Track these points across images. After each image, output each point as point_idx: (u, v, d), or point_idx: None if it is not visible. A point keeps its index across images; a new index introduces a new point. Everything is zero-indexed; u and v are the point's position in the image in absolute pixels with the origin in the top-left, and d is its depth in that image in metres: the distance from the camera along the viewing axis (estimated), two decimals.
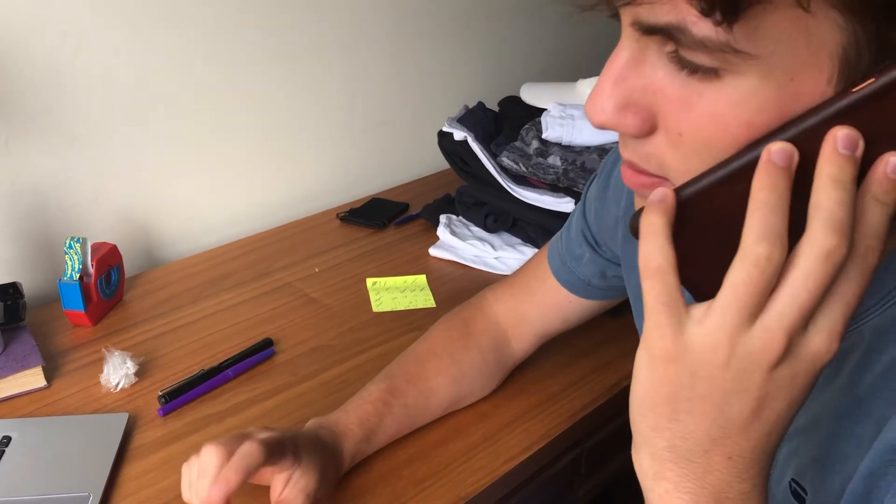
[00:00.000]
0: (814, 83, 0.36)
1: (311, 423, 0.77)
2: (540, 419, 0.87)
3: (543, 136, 1.11)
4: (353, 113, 1.45)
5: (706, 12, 0.34)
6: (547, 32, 1.72)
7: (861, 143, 0.36)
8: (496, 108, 1.32)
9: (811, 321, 0.37)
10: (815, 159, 0.37)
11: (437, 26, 1.53)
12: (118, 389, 0.91)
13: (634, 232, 0.41)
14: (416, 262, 1.21)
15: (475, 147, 1.19)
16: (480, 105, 1.29)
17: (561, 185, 1.10)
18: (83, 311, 1.00)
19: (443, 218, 1.25)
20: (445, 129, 1.23)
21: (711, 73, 0.37)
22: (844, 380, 0.47)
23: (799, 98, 0.36)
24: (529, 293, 0.83)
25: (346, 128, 1.45)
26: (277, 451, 0.66)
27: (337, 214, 1.37)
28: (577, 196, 1.10)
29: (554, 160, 1.10)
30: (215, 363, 0.94)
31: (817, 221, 0.36)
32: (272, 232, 1.32)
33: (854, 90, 0.36)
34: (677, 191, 0.40)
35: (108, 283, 1.05)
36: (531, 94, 1.23)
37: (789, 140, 0.37)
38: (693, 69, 0.37)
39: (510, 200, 1.17)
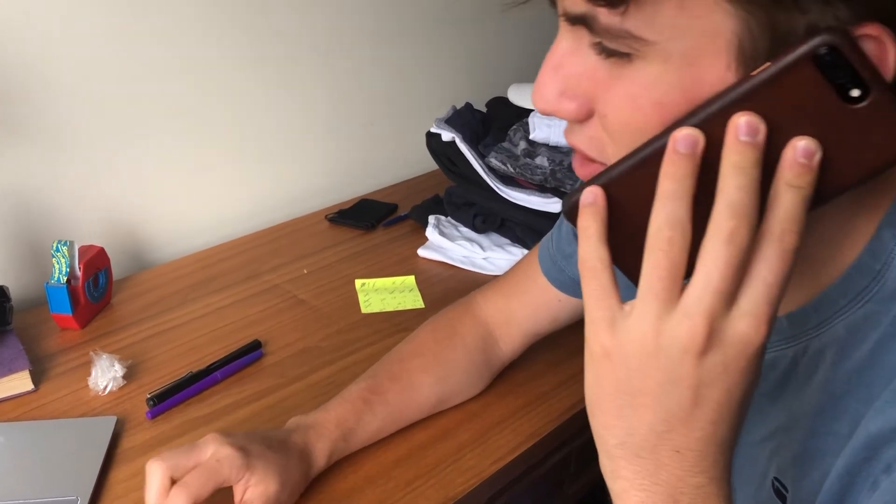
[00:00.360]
0: (713, 69, 0.38)
1: (290, 423, 0.77)
2: (528, 419, 0.88)
3: (531, 136, 1.12)
4: (340, 114, 1.45)
5: (597, 3, 0.38)
6: (534, 33, 1.72)
7: (763, 129, 0.37)
8: (484, 109, 1.33)
9: (734, 305, 0.38)
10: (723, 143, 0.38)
11: (424, 27, 1.53)
12: (106, 392, 0.90)
13: (567, 215, 0.43)
14: (405, 263, 1.21)
15: (463, 148, 1.19)
16: (468, 106, 1.29)
17: (548, 185, 1.10)
18: (71, 315, 1.00)
19: (431, 219, 1.25)
20: (433, 129, 1.24)
21: (625, 58, 0.40)
22: (821, 377, 0.47)
23: (701, 83, 0.39)
24: (519, 293, 0.83)
25: (334, 129, 1.45)
26: (220, 474, 0.65)
27: (325, 216, 1.37)
28: (564, 196, 1.10)
29: (541, 161, 1.11)
30: (203, 366, 0.94)
31: (719, 206, 0.38)
32: (260, 234, 1.31)
33: (752, 75, 0.37)
34: (598, 176, 0.42)
35: (96, 286, 1.05)
36: (519, 95, 1.24)
37: (696, 125, 0.38)
38: (610, 54, 0.41)
39: (498, 201, 1.17)
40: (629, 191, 0.41)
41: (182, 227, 1.28)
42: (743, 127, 0.37)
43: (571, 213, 0.43)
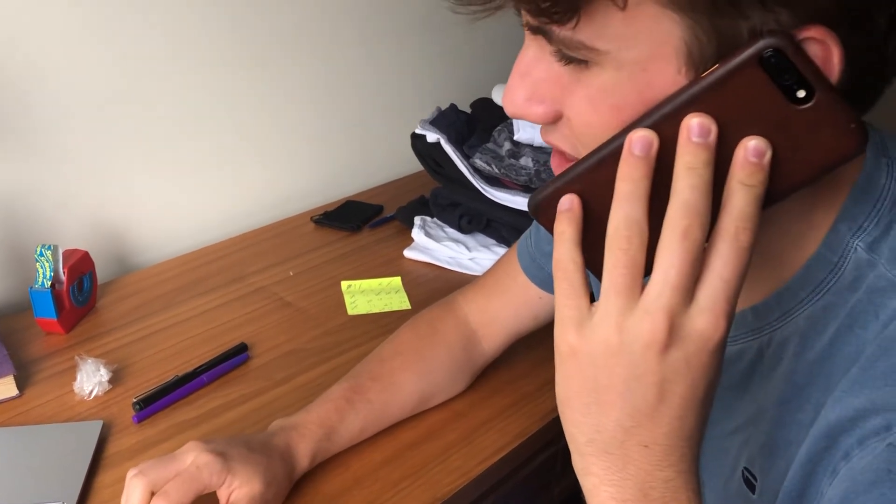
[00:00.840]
0: (665, 74, 0.40)
1: (273, 425, 0.78)
2: (514, 419, 0.88)
3: (515, 137, 1.12)
4: (325, 115, 1.45)
5: (541, 21, 0.41)
6: (519, 34, 1.73)
7: (714, 129, 0.39)
8: (468, 110, 1.33)
9: (693, 302, 0.39)
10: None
11: (408, 28, 1.53)
12: (92, 397, 0.90)
13: (532, 210, 0.45)
14: (391, 265, 1.21)
15: (448, 149, 1.19)
16: (453, 107, 1.29)
17: (533, 185, 1.11)
18: (55, 319, 1.00)
19: (417, 220, 1.26)
20: (418, 131, 1.24)
21: (583, 65, 0.42)
22: (785, 368, 0.49)
23: (654, 86, 0.40)
24: (500, 291, 0.84)
25: (319, 130, 1.45)
26: (200, 481, 0.66)
27: (311, 217, 1.37)
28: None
29: (526, 161, 1.11)
30: (189, 369, 0.94)
31: (673, 205, 0.39)
32: (245, 236, 1.31)
33: (702, 77, 0.39)
34: (563, 174, 0.43)
35: (81, 290, 1.04)
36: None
37: (650, 127, 0.40)
38: (569, 60, 0.43)
39: (484, 201, 1.18)
40: (591, 190, 0.43)
41: (167, 230, 1.27)
42: (695, 128, 0.39)
43: (538, 209, 0.45)
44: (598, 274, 0.43)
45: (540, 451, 0.91)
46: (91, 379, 0.90)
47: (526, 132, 1.11)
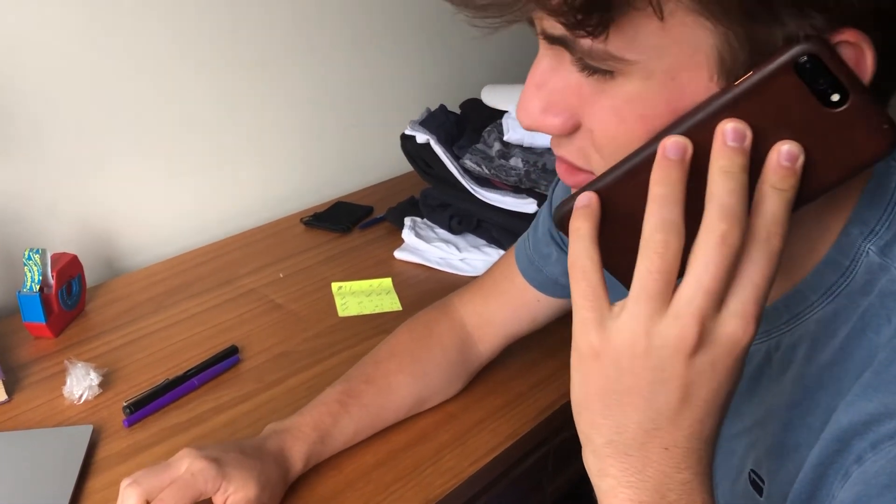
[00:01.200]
0: (696, 81, 0.39)
1: (267, 429, 0.78)
2: (507, 419, 0.88)
3: (505, 138, 1.12)
4: (315, 117, 1.45)
5: (575, 34, 0.39)
6: (508, 35, 1.72)
7: (749, 134, 0.39)
8: (458, 111, 1.33)
9: (723, 306, 0.39)
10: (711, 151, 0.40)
11: (399, 29, 1.53)
12: (82, 401, 0.90)
13: (559, 223, 0.44)
14: (382, 266, 1.21)
15: (438, 150, 1.19)
16: (442, 108, 1.29)
17: (523, 186, 1.11)
18: (44, 323, 0.99)
19: (407, 220, 1.25)
20: (408, 132, 1.24)
21: (608, 75, 0.41)
22: (794, 371, 0.48)
23: (684, 95, 0.40)
24: (498, 294, 0.84)
25: (309, 132, 1.45)
26: (195, 487, 0.65)
27: (301, 219, 1.36)
28: (539, 197, 1.11)
29: (516, 162, 1.11)
30: (180, 372, 0.93)
31: (710, 209, 0.38)
32: (235, 238, 1.31)
33: (736, 84, 0.39)
34: (590, 185, 0.43)
35: (70, 293, 1.04)
36: (492, 97, 1.24)
37: (684, 134, 0.40)
38: (593, 71, 0.41)
39: (474, 202, 1.18)
40: (619, 198, 0.42)
41: (156, 233, 1.27)
42: (730, 133, 0.39)
43: (563, 222, 0.44)
44: (621, 278, 0.43)
45: (532, 451, 0.91)
46: (81, 383, 0.90)
47: (516, 133, 1.11)
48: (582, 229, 0.42)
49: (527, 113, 0.45)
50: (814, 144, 0.39)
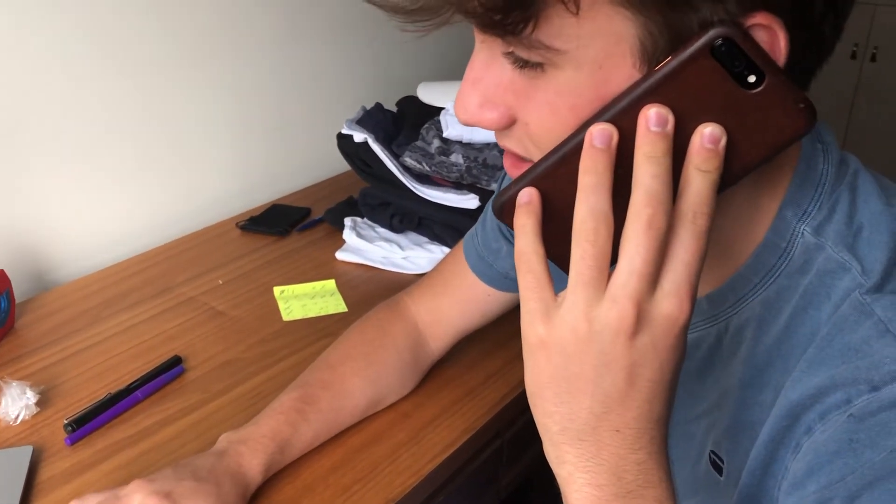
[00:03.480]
0: (620, 69, 0.41)
1: (220, 441, 0.76)
2: (461, 414, 0.88)
3: (444, 134, 1.12)
4: (246, 119, 1.42)
5: (502, 33, 0.40)
6: (441, 31, 1.73)
7: (671, 119, 0.40)
8: (394, 109, 1.33)
9: (658, 287, 0.40)
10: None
11: (329, 28, 1.51)
12: (18, 422, 0.86)
13: (498, 212, 0.45)
14: (324, 268, 1.20)
15: (376, 148, 1.19)
16: (378, 106, 1.28)
17: (465, 182, 1.11)
18: None
19: (347, 221, 1.24)
20: (345, 131, 1.23)
21: (539, 68, 0.42)
22: (744, 352, 0.50)
23: (610, 83, 0.41)
24: (448, 290, 0.84)
25: (241, 133, 1.42)
26: None
27: (236, 223, 1.33)
28: (480, 192, 1.11)
29: (456, 158, 1.11)
30: (122, 386, 0.90)
31: (636, 195, 0.40)
32: (170, 245, 1.27)
33: (656, 69, 0.40)
34: (526, 174, 0.44)
35: None
36: (428, 94, 1.24)
37: (609, 121, 0.41)
38: (524, 64, 0.42)
39: (415, 200, 1.18)
40: (553, 186, 0.43)
41: (86, 244, 1.22)
42: (653, 118, 0.40)
43: (502, 211, 0.45)
44: (563, 266, 0.43)
45: (487, 444, 0.92)
46: (17, 402, 0.86)
47: (455, 129, 1.11)
48: (527, 225, 0.43)
49: (464, 108, 0.46)
50: (735, 126, 0.40)
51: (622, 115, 0.41)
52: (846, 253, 0.45)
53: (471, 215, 1.13)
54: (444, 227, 1.16)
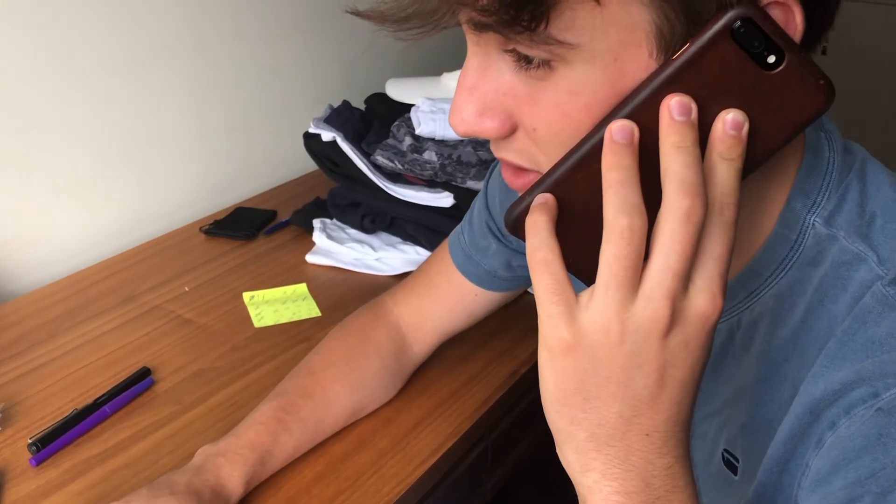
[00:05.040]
0: (636, 59, 0.39)
1: (198, 454, 0.73)
2: (445, 417, 0.86)
3: (417, 131, 1.10)
4: (207, 119, 1.37)
5: (513, 30, 0.37)
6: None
7: (694, 107, 0.39)
8: (362, 107, 1.30)
9: (690, 283, 0.39)
10: (658, 128, 0.39)
11: (293, 25, 1.47)
12: None
13: (512, 227, 0.43)
14: (294, 271, 1.16)
15: (345, 147, 1.16)
16: (346, 104, 1.25)
17: (439, 179, 1.09)
18: None
19: (317, 222, 1.21)
20: (312, 129, 1.19)
21: (546, 67, 0.39)
22: (758, 348, 0.49)
23: (626, 75, 0.39)
24: (433, 291, 0.82)
25: (202, 135, 1.37)
26: None
27: (200, 228, 1.29)
28: (455, 190, 1.09)
29: (430, 155, 1.09)
30: (89, 400, 0.86)
31: (670, 186, 0.38)
32: (131, 253, 1.22)
33: (674, 58, 0.38)
34: (537, 184, 0.42)
35: None
36: (397, 91, 1.21)
37: (629, 115, 0.39)
38: (528, 62, 0.40)
39: (386, 199, 1.15)
40: (570, 192, 0.41)
41: (43, 252, 1.17)
42: (676, 107, 0.38)
43: (517, 225, 0.43)
44: (580, 274, 0.42)
45: (472, 447, 0.90)
46: None
47: (427, 126, 1.09)
48: (539, 222, 0.40)
49: (461, 119, 0.43)
50: (756, 109, 0.39)
51: (641, 108, 0.39)
52: (860, 243, 0.44)
53: (445, 214, 1.10)
54: (418, 226, 1.14)
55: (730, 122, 0.38)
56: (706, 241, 0.38)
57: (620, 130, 0.39)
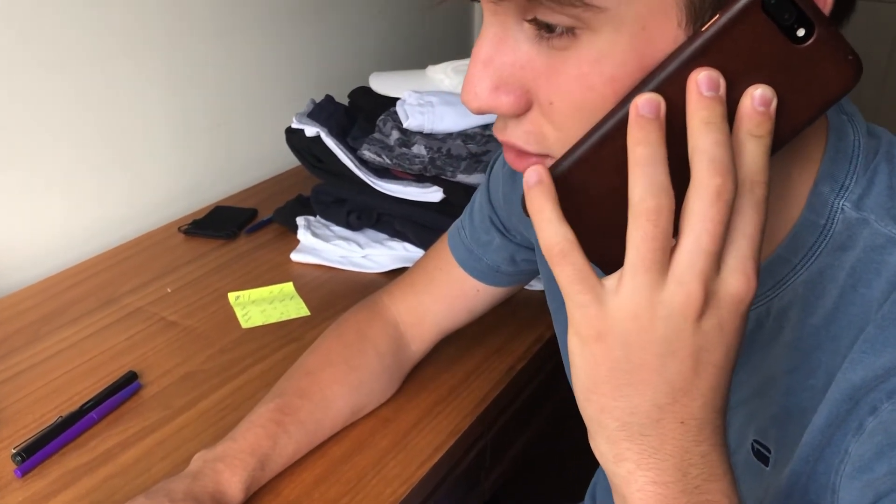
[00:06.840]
0: (665, 29, 0.37)
1: (195, 460, 0.70)
2: (445, 415, 0.84)
3: (405, 125, 1.08)
4: (185, 115, 1.34)
5: None
6: (389, 19, 1.68)
7: (722, 82, 0.37)
8: (344, 101, 1.27)
9: (722, 264, 0.37)
10: (685, 104, 0.38)
11: (273, 18, 1.44)
12: None
13: (524, 209, 0.41)
14: (279, 270, 1.14)
15: (330, 142, 1.13)
16: (329, 98, 1.23)
17: (428, 174, 1.07)
18: None
19: (301, 220, 1.18)
20: (295, 125, 1.17)
21: (569, 35, 0.38)
22: (788, 336, 0.48)
23: (654, 45, 0.37)
24: (432, 287, 0.80)
25: (180, 132, 1.34)
26: None
27: (179, 228, 1.26)
28: (445, 184, 1.07)
29: (419, 149, 1.07)
30: (75, 407, 0.83)
31: (700, 164, 0.36)
32: (109, 254, 1.19)
33: (703, 29, 0.37)
34: (557, 165, 0.40)
35: None
36: (382, 84, 1.19)
37: (655, 90, 0.38)
38: (550, 31, 0.38)
39: (372, 195, 1.13)
40: (593, 173, 0.40)
41: (17, 255, 1.13)
42: (704, 82, 0.37)
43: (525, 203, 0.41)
44: (601, 259, 0.40)
45: (473, 444, 0.88)
46: None
47: (415, 119, 1.06)
48: (544, 209, 0.39)
49: (475, 94, 0.41)
50: (784, 84, 0.38)
51: (667, 83, 0.37)
52: (893, 226, 0.43)
53: (434, 209, 1.09)
54: (405, 222, 1.11)
55: (758, 97, 0.37)
56: (737, 221, 0.37)
57: (647, 104, 0.37)
